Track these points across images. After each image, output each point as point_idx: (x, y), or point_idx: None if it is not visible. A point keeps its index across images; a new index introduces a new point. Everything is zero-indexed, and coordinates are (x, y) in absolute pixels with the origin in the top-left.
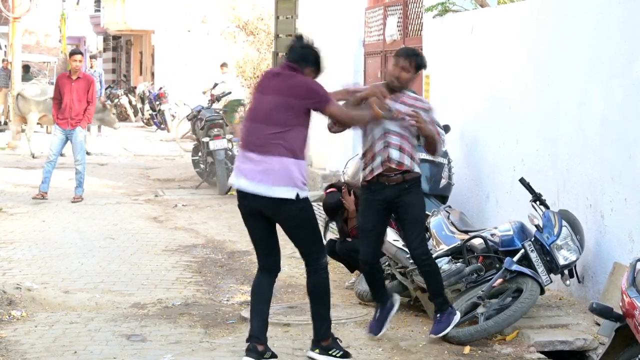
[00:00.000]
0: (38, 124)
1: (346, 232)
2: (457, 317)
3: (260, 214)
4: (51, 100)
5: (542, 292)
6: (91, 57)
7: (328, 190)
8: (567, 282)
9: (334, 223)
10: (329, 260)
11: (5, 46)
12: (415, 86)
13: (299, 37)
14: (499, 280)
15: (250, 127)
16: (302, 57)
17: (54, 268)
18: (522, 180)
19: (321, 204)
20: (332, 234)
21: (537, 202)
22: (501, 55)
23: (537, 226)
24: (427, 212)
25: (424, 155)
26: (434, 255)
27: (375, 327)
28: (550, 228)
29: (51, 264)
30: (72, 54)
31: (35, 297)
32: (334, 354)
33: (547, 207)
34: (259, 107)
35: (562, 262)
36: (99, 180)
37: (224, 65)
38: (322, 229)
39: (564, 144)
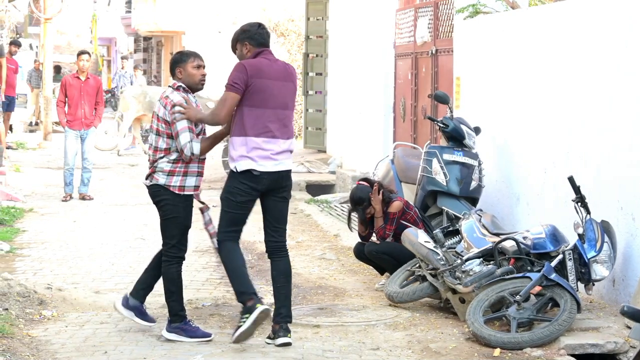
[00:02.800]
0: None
1: (369, 232)
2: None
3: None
4: (151, 101)
5: (579, 310)
6: (122, 58)
7: (359, 182)
8: (590, 291)
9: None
10: (359, 262)
11: (37, 47)
12: (446, 88)
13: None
14: (537, 288)
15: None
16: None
17: (85, 268)
18: (570, 179)
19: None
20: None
21: (580, 204)
22: (532, 56)
23: (580, 235)
24: (458, 215)
25: (454, 157)
26: (465, 257)
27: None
28: (592, 241)
29: (82, 264)
30: (79, 54)
31: (65, 297)
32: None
33: (588, 210)
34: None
35: (594, 277)
36: (129, 181)
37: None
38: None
39: (595, 146)
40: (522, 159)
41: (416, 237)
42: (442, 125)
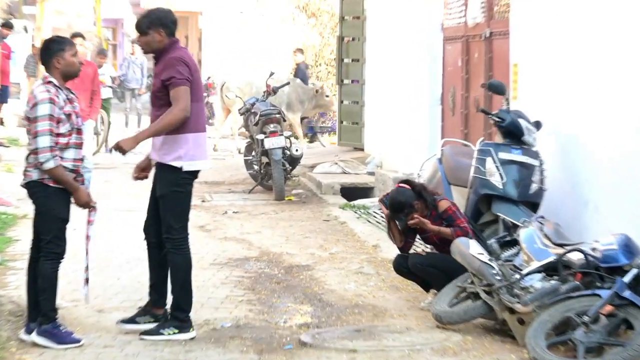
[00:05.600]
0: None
1: (409, 242)
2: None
3: None
4: (258, 92)
5: None
6: (133, 42)
7: (399, 184)
8: None
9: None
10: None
11: (33, 29)
12: (502, 77)
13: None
14: (608, 308)
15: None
16: None
17: None
18: None
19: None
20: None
21: None
22: (603, 38)
23: None
24: (516, 222)
25: (512, 156)
26: (524, 272)
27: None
28: None
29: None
30: (72, 37)
31: (64, 316)
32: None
33: None
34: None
35: None
36: (137, 183)
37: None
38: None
39: None
40: (590, 158)
41: (467, 248)
42: (497, 119)
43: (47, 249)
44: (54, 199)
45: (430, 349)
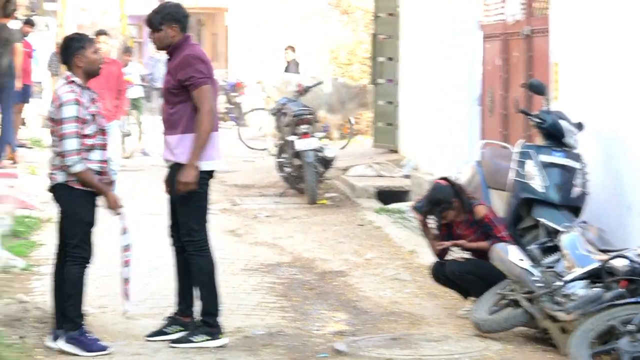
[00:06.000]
0: None
1: (445, 249)
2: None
3: None
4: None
5: None
6: None
7: (439, 179)
8: None
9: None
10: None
11: (56, 26)
12: (542, 76)
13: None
14: None
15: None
16: None
17: (114, 289)
18: None
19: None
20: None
21: None
22: None
23: None
24: (557, 227)
25: (553, 159)
26: (566, 279)
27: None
28: None
29: (110, 284)
30: (97, 34)
31: (92, 322)
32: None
33: None
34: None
35: None
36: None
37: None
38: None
39: None
40: (634, 160)
41: (507, 254)
42: (537, 120)
43: (74, 253)
44: (80, 202)
45: (469, 358)
